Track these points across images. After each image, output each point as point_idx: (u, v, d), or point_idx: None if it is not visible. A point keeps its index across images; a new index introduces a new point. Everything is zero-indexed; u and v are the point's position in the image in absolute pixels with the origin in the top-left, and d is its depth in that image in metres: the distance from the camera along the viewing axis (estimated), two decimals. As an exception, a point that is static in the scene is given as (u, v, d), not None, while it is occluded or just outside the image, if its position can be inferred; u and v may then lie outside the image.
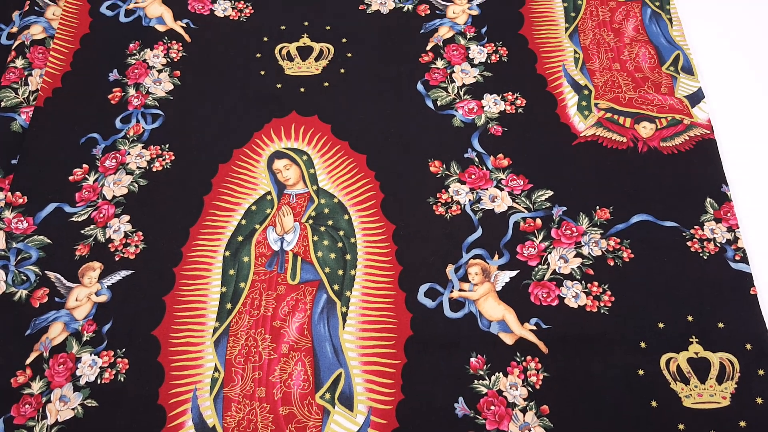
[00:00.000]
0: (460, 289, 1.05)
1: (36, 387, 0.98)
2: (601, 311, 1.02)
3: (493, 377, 0.98)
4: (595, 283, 1.05)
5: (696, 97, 1.23)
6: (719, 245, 1.08)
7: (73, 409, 0.97)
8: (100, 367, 1.00)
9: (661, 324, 1.01)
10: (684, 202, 1.12)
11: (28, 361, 1.00)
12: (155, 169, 1.17)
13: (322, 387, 0.99)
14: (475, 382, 0.98)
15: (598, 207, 1.12)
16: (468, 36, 1.33)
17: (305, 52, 1.32)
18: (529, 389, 0.97)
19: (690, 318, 1.02)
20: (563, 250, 1.08)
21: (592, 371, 0.98)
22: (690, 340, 1.00)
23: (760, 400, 0.96)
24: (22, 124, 1.21)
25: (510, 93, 1.25)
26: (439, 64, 1.29)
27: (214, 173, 1.17)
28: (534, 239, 1.09)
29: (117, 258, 1.08)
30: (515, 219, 1.11)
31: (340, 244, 1.10)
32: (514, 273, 1.06)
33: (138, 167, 1.17)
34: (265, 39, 1.33)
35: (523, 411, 0.96)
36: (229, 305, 1.05)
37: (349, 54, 1.31)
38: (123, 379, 0.99)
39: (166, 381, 0.99)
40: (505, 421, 0.96)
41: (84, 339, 1.02)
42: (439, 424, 0.96)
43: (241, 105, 1.24)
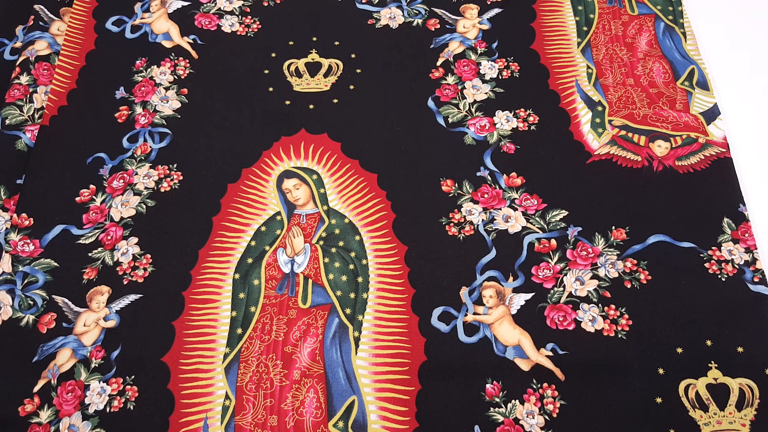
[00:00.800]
0: (474, 313, 1.03)
1: (44, 416, 0.97)
2: (619, 335, 1.01)
3: (510, 405, 0.97)
4: (612, 306, 1.03)
5: (712, 114, 1.21)
6: (737, 267, 1.06)
7: (83, 439, 0.95)
8: (109, 395, 0.98)
9: (680, 349, 0.99)
10: (701, 222, 1.10)
11: (35, 389, 0.99)
12: (163, 190, 1.15)
13: (335, 415, 0.97)
14: (491, 409, 0.97)
15: (614, 227, 1.10)
16: (479, 51, 1.31)
17: (314, 68, 1.30)
18: (546, 417, 0.96)
19: (709, 342, 1.00)
20: (579, 271, 1.06)
21: (609, 399, 0.96)
22: (709, 365, 0.99)
23: (780, 427, 0.94)
24: (27, 142, 1.19)
25: (522, 109, 1.23)
26: (450, 79, 1.28)
27: (222, 193, 1.16)
28: (549, 260, 1.07)
29: (125, 281, 1.07)
30: (530, 240, 1.09)
31: (351, 266, 1.08)
32: (529, 296, 1.05)
33: (146, 188, 1.15)
34: (273, 55, 1.32)
35: (540, 440, 0.94)
36: (240, 330, 1.03)
37: (359, 70, 1.29)
38: (132, 408, 0.98)
39: (176, 409, 0.98)
40: (522, 451, 0.94)
41: (92, 366, 1.00)
42: (456, 453, 0.94)
43: (250, 123, 1.23)
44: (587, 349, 1.00)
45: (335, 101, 1.26)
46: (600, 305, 1.03)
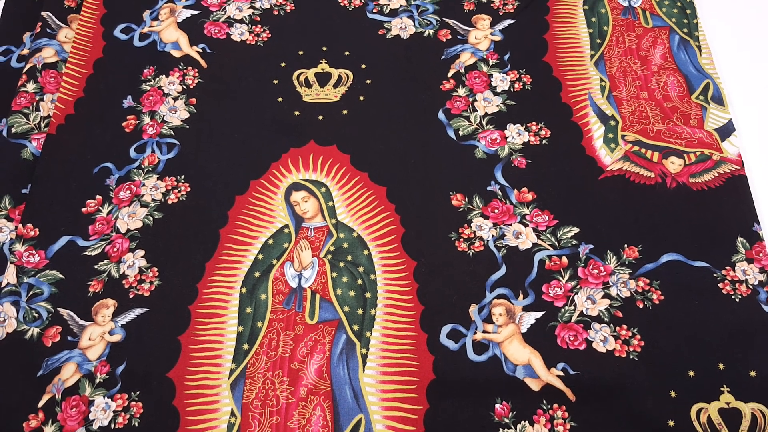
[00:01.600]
0: (483, 331, 1.02)
1: (48, 431, 0.95)
2: (631, 356, 0.99)
3: (519, 426, 0.95)
4: (624, 327, 1.02)
5: (726, 130, 1.19)
6: (751, 287, 1.05)
7: (86, 456, 0.94)
8: (113, 411, 0.97)
9: (692, 372, 0.98)
10: (715, 241, 1.09)
11: (40, 404, 0.98)
12: (170, 202, 1.14)
13: (341, 434, 0.96)
14: (501, 430, 0.95)
15: (626, 245, 1.08)
16: (490, 63, 1.30)
17: (323, 78, 1.29)
18: (556, 440, 0.94)
19: (721, 366, 0.99)
20: (590, 290, 1.05)
21: (620, 422, 0.95)
22: (721, 389, 0.97)
23: (793, 453, 0.92)
24: (33, 151, 1.19)
25: (534, 123, 1.22)
26: (461, 91, 1.26)
27: (230, 205, 1.14)
28: (560, 278, 1.06)
29: (131, 295, 1.06)
30: (540, 257, 1.08)
31: (359, 281, 1.07)
32: (539, 314, 1.03)
33: (153, 199, 1.14)
34: (283, 65, 1.31)
35: (550, 463, 0.93)
36: (246, 346, 1.02)
37: (369, 80, 1.28)
38: (137, 424, 0.97)
39: (181, 426, 0.97)
40: (532, 473, 0.93)
41: (97, 381, 0.99)
42: (463, 474, 0.93)
43: (259, 134, 1.22)
44: (598, 370, 0.99)
45: (345, 112, 1.25)
46: (611, 325, 1.02)
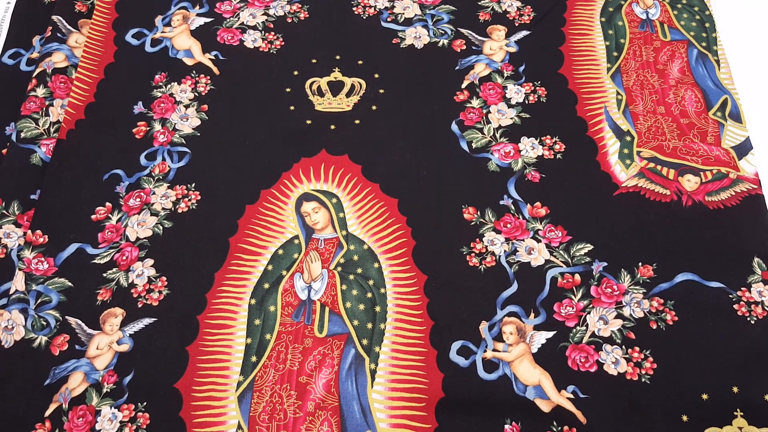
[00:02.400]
0: (494, 349, 1.01)
1: (54, 441, 0.95)
2: (642, 380, 0.98)
3: (526, 447, 0.94)
4: (637, 348, 1.00)
5: (744, 148, 1.18)
6: (767, 309, 1.03)
7: (93, 467, 0.94)
8: (120, 422, 0.96)
9: (705, 395, 0.96)
10: (730, 261, 1.07)
11: (47, 413, 0.97)
12: (181, 210, 1.13)
13: (349, 450, 0.95)
14: (510, 451, 0.94)
15: (640, 264, 1.07)
16: (505, 74, 1.28)
17: (336, 87, 1.28)
18: (566, 463, 0.93)
19: (735, 389, 0.97)
20: (603, 310, 1.03)
21: (632, 446, 0.93)
22: (734, 413, 0.96)
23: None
24: (42, 157, 1.18)
25: (548, 137, 1.20)
26: (475, 103, 1.25)
27: (240, 214, 1.14)
28: (572, 297, 1.05)
29: (140, 304, 1.05)
30: (553, 274, 1.07)
31: (369, 294, 1.06)
32: (550, 334, 1.02)
33: (163, 208, 1.13)
34: (296, 73, 1.30)
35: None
36: (254, 358, 1.01)
37: (382, 90, 1.27)
38: (143, 436, 0.96)
39: (188, 438, 0.95)
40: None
41: (104, 391, 0.99)
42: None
43: (270, 142, 1.21)
44: (610, 393, 0.97)
45: (357, 122, 1.23)
46: (624, 347, 1.01)
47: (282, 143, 1.21)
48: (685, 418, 0.95)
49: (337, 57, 1.32)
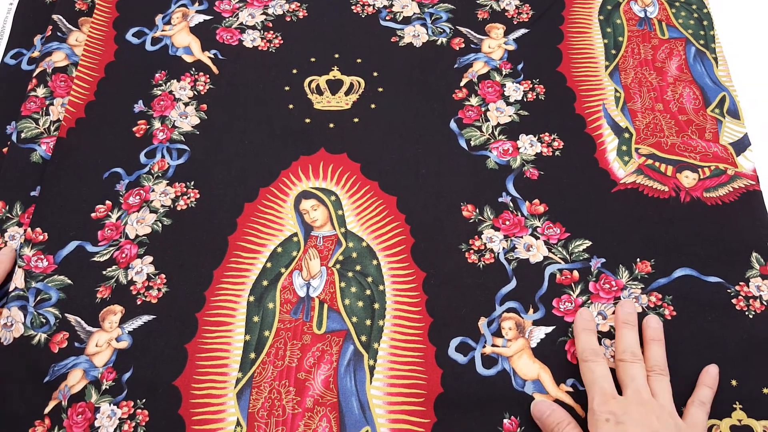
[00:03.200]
0: (493, 345, 1.01)
1: (54, 438, 0.95)
2: (641, 374, 0.98)
3: (526, 441, 0.94)
4: (635, 343, 1.00)
5: (742, 145, 1.18)
6: (765, 303, 1.04)
7: (92, 465, 0.94)
8: (119, 419, 0.97)
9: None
10: (728, 256, 1.07)
11: (46, 411, 0.97)
12: (180, 208, 1.14)
13: (347, 446, 0.95)
14: (508, 445, 0.94)
15: (638, 259, 1.07)
16: (504, 72, 1.29)
17: (335, 85, 1.28)
18: (565, 457, 0.93)
19: (734, 382, 0.98)
20: (602, 305, 1.03)
21: (631, 439, 0.93)
22: (733, 406, 0.96)
23: (805, 474, 0.91)
24: (42, 155, 1.18)
25: (547, 134, 1.21)
26: (474, 101, 1.25)
27: (239, 212, 1.14)
28: (571, 293, 1.05)
29: (139, 302, 1.05)
30: (551, 270, 1.07)
31: (368, 291, 1.06)
32: (549, 329, 1.02)
33: (162, 205, 1.13)
34: (295, 71, 1.30)
35: (558, 480, 0.91)
36: (253, 354, 1.01)
37: (380, 88, 1.27)
38: (143, 432, 0.96)
39: (187, 434, 0.95)
40: (540, 490, 0.91)
41: (103, 388, 0.99)
42: (471, 490, 0.91)
43: (269, 140, 1.21)
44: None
45: (356, 120, 1.24)
46: (622, 341, 1.00)
47: (281, 141, 1.21)
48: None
49: (336, 55, 1.32)
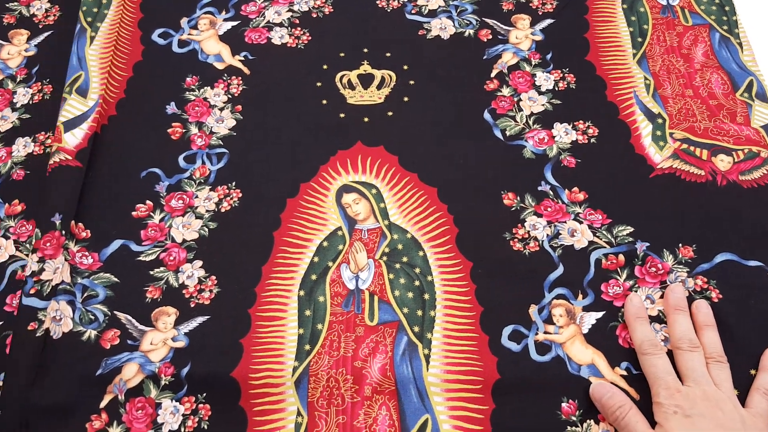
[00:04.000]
0: (545, 332, 1.03)
1: (114, 433, 0.96)
2: (692, 355, 1.00)
3: (585, 424, 0.96)
4: (684, 325, 1.02)
5: (773, 127, 1.20)
6: (807, 285, 1.06)
7: (159, 460, 0.95)
8: (182, 414, 0.97)
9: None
10: (767, 239, 1.09)
11: (102, 405, 0.98)
12: (224, 210, 1.15)
13: (408, 433, 0.96)
14: (568, 428, 0.96)
15: (680, 245, 1.09)
16: (533, 62, 1.31)
17: (366, 79, 1.29)
18: (623, 437, 0.95)
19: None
20: (649, 290, 1.05)
21: (687, 418, 0.95)
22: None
23: None
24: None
25: (581, 122, 1.23)
26: (505, 91, 1.27)
27: (282, 208, 1.15)
28: (618, 278, 1.07)
29: (192, 304, 1.06)
30: (596, 256, 1.09)
31: (417, 282, 1.08)
32: (600, 314, 1.04)
33: (207, 210, 1.14)
34: (325, 67, 1.31)
35: (615, 461, 0.93)
36: (308, 347, 1.03)
37: (412, 81, 1.29)
38: (206, 427, 0.97)
39: (249, 427, 0.97)
40: (599, 471, 0.93)
41: (162, 383, 0.99)
42: (534, 472, 0.94)
43: (305, 136, 1.22)
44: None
45: (390, 114, 1.25)
46: (672, 324, 1.03)
47: (317, 137, 1.23)
48: (735, 391, 0.97)
49: (365, 50, 1.33)
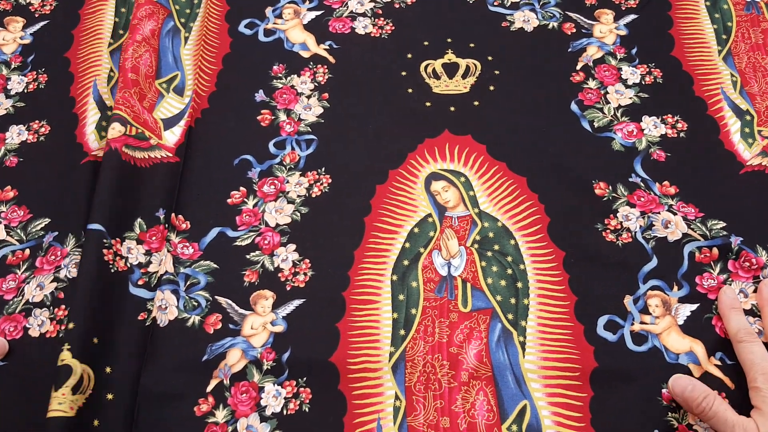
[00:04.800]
0: (641, 322, 1.04)
1: (220, 416, 0.99)
2: (788, 348, 1.01)
3: (682, 411, 0.97)
4: (779, 318, 1.03)
5: None
6: None
7: (265, 440, 0.97)
8: (284, 398, 0.99)
9: None
10: None
11: (209, 389, 1.00)
12: (314, 195, 1.16)
13: (507, 418, 0.98)
14: (669, 414, 0.97)
15: (770, 244, 1.10)
16: (618, 57, 1.32)
17: (451, 69, 1.31)
18: (719, 426, 0.96)
19: None
20: (742, 284, 1.06)
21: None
22: None
23: None
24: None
25: (670, 116, 1.23)
26: (592, 84, 1.28)
27: (371, 194, 1.17)
28: (711, 271, 1.08)
29: (288, 287, 1.08)
30: (690, 249, 1.10)
31: (509, 270, 1.09)
32: (694, 306, 1.05)
33: (298, 195, 1.16)
34: (409, 56, 1.33)
35: (712, 447, 0.94)
36: (402, 332, 1.04)
37: (497, 71, 1.30)
38: (308, 410, 0.99)
39: (349, 410, 0.99)
40: (698, 457, 0.95)
41: (265, 368, 1.02)
42: (636, 458, 0.95)
43: (391, 124, 1.24)
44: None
45: (476, 103, 1.27)
46: (766, 318, 1.04)
47: (404, 125, 1.24)
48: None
49: (449, 40, 1.35)
